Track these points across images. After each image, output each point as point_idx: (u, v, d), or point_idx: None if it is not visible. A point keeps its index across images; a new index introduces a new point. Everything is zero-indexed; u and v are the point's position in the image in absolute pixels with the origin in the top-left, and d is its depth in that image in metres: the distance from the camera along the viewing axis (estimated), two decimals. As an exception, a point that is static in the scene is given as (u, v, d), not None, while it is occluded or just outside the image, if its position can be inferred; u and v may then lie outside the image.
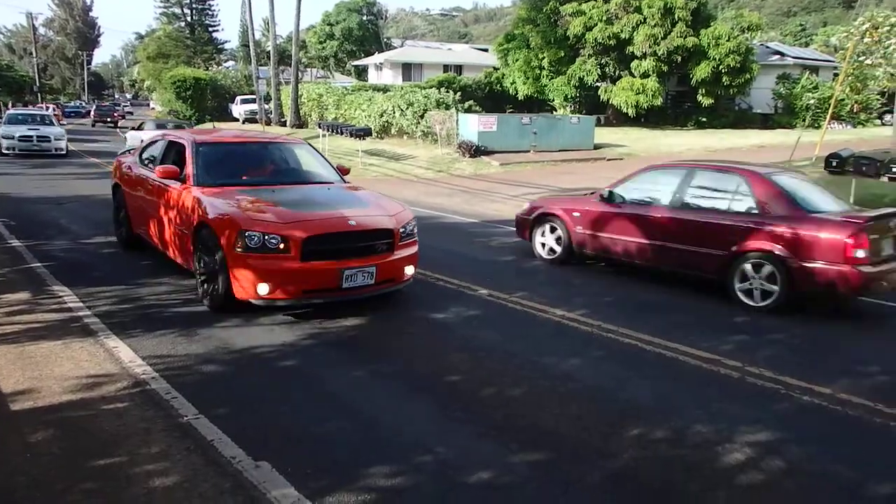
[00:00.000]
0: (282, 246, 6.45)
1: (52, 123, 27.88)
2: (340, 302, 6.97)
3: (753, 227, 7.55)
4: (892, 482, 4.07)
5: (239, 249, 6.47)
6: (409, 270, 7.44)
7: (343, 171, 8.90)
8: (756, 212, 7.71)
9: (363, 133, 26.62)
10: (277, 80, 43.12)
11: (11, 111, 31.78)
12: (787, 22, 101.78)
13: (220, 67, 64.88)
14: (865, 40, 20.84)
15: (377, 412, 4.88)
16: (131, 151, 10.90)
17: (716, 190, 8.13)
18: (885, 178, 10.50)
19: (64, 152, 26.16)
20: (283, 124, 40.92)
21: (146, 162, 9.26)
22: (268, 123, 39.68)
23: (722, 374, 5.68)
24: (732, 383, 5.51)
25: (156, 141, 9.58)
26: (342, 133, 27.14)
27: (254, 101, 45.24)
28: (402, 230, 7.24)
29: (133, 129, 30.36)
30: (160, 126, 27.44)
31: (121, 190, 9.96)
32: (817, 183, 8.91)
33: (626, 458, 4.29)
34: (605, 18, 35.25)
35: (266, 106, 43.26)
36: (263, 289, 6.46)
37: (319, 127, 29.71)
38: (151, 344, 6.04)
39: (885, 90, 24.42)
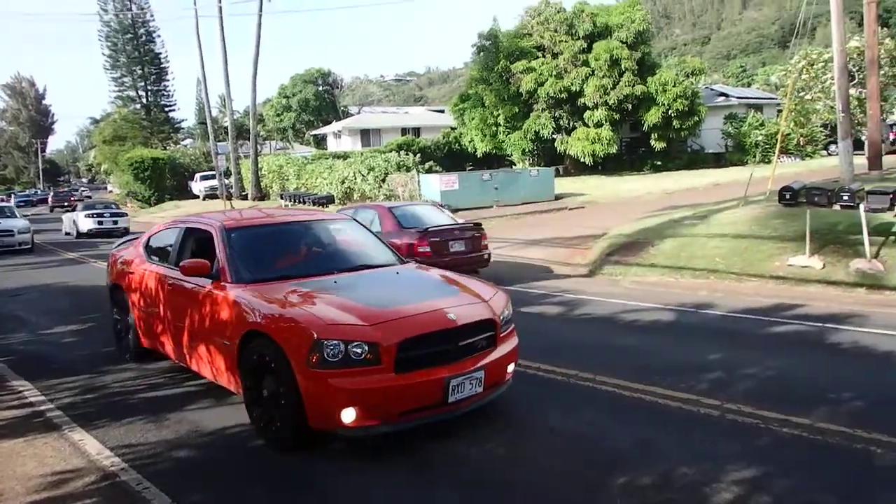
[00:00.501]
0: (370, 356, 4.94)
1: (13, 215, 26.14)
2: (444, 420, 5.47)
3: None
4: (877, 506, 4.11)
5: (313, 365, 4.91)
6: (511, 368, 5.95)
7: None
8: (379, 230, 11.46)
9: (326, 201, 26.79)
10: (237, 155, 43.34)
11: None
12: (728, 64, 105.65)
13: (177, 146, 64.90)
14: (803, 76, 21.73)
15: (356, 492, 4.75)
16: (129, 243, 9.12)
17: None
18: (837, 207, 10.82)
19: (29, 246, 23.83)
20: (245, 198, 40.98)
21: (155, 256, 7.77)
22: (229, 198, 39.68)
23: (702, 413, 5.72)
24: (713, 421, 5.55)
25: (165, 229, 8.01)
26: (304, 202, 27.26)
27: (214, 177, 45.22)
28: (501, 318, 5.82)
29: (67, 211, 30.86)
30: (89, 208, 30.25)
31: (122, 293, 8.22)
32: (440, 209, 14.94)
33: (615, 506, 4.28)
34: (555, 73, 36.27)
35: (226, 181, 43.31)
36: (349, 415, 4.92)
37: (281, 198, 29.83)
38: (119, 433, 5.81)
39: (827, 122, 25.33)
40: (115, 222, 29.45)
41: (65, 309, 11.01)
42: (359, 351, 4.92)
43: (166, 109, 76.94)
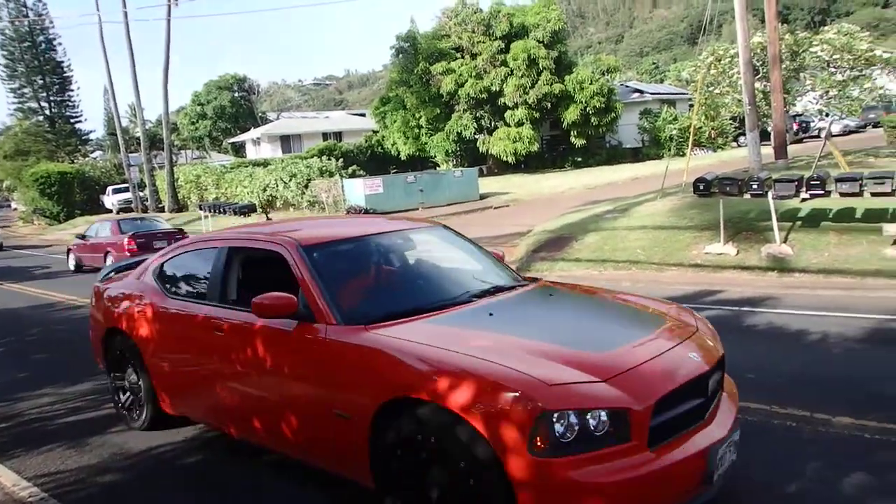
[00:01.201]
0: (615, 428, 3.30)
1: None
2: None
3: None
4: (798, 479, 4.32)
5: (540, 451, 3.20)
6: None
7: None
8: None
9: (247, 210, 26.28)
10: (151, 166, 42.12)
11: None
12: (641, 61, 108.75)
13: (86, 159, 62.49)
14: (712, 72, 22.57)
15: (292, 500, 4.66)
16: (121, 273, 6.93)
17: None
18: (747, 196, 11.32)
19: None
20: (161, 210, 39.85)
21: (179, 288, 5.78)
22: (145, 210, 38.59)
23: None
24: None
25: (187, 251, 5.91)
26: (225, 212, 26.72)
27: (127, 189, 43.85)
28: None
29: None
30: None
31: (127, 341, 6.09)
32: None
33: None
34: (474, 74, 36.64)
35: (141, 193, 42.08)
36: None
37: (200, 209, 29.14)
38: (37, 462, 5.52)
39: (736, 115, 26.37)
40: None
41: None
42: (598, 422, 3.27)
43: (72, 121, 73.53)
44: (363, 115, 58.42)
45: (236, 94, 69.02)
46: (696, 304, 9.31)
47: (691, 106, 37.48)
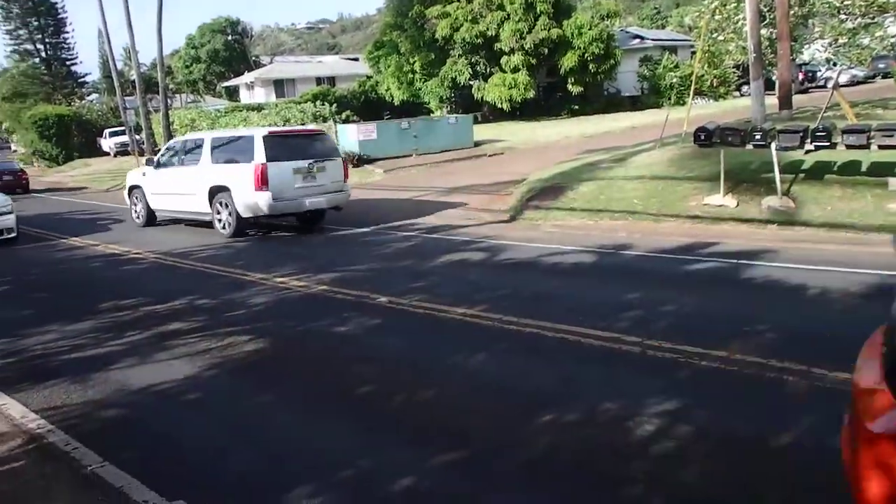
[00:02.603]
0: None
1: None
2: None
3: None
4: (790, 433, 4.24)
5: None
6: None
7: None
8: None
9: (242, 154, 25.91)
10: (146, 109, 41.47)
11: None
12: (642, 7, 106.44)
13: (83, 102, 61.83)
14: (716, 17, 22.02)
15: (291, 435, 4.77)
16: None
17: None
18: (750, 146, 11.10)
19: (14, 235, 14.67)
20: (158, 153, 39.43)
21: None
22: (141, 154, 38.15)
23: (623, 350, 5.80)
24: (634, 358, 5.64)
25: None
26: (220, 156, 26.29)
27: (124, 132, 43.43)
28: None
29: None
30: None
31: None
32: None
33: (541, 444, 4.31)
34: (470, 18, 35.83)
35: (137, 136, 41.63)
36: None
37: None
38: (43, 396, 5.68)
39: (740, 63, 25.83)
40: None
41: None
42: None
43: (68, 63, 72.70)
44: (357, 59, 57.54)
45: (230, 38, 68.02)
46: (693, 256, 9.21)
47: (693, 53, 36.85)
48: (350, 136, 25.07)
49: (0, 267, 12.00)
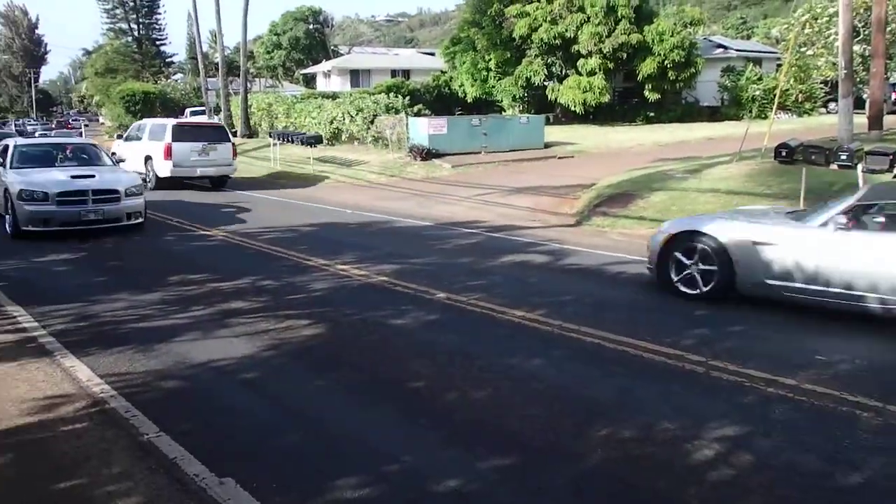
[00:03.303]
0: None
1: (103, 161, 14.07)
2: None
3: None
4: (860, 472, 4.01)
5: None
6: None
7: None
8: None
9: (314, 140, 26.33)
10: (227, 91, 42.58)
11: (22, 141, 15.10)
12: (728, 16, 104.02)
13: (168, 80, 63.92)
14: (806, 31, 21.26)
15: (341, 422, 4.78)
16: None
17: None
18: (834, 166, 10.64)
19: (141, 220, 12.75)
20: (234, 135, 40.29)
21: None
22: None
23: (686, 369, 5.60)
24: (697, 378, 5.44)
25: None
26: (293, 141, 26.82)
27: (203, 112, 44.62)
28: None
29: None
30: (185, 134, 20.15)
31: None
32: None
33: (595, 458, 4.18)
34: (549, 19, 35.46)
35: (216, 117, 42.68)
36: None
37: (270, 136, 29.37)
38: (109, 362, 5.86)
39: (828, 79, 24.92)
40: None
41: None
42: None
43: (157, 43, 75.69)
44: (432, 54, 57.59)
45: (311, 27, 69.14)
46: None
47: (779, 66, 35.75)
48: (420, 129, 25.09)
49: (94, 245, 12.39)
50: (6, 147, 13.56)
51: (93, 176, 12.41)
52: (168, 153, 19.07)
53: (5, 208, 12.13)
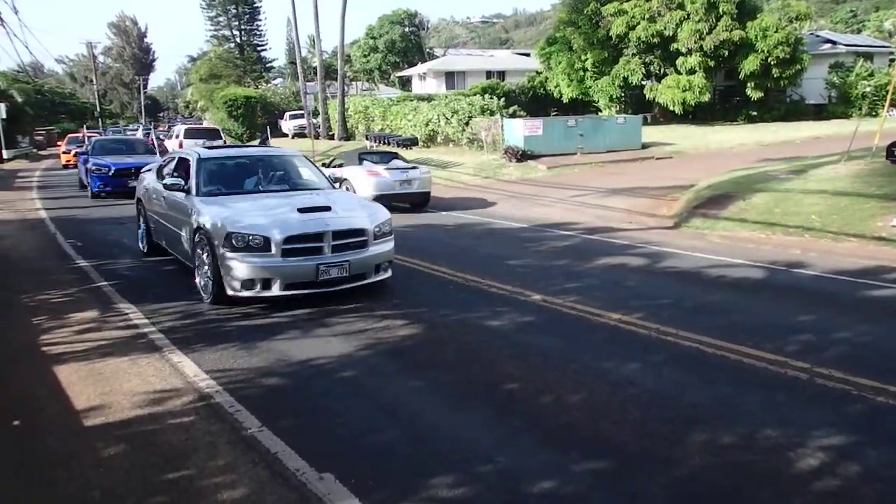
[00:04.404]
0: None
1: (316, 182, 10.51)
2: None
3: None
4: None
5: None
6: None
7: None
8: None
9: (410, 143, 26.78)
10: (324, 95, 43.76)
11: (206, 154, 10.18)
12: (836, 9, 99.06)
13: (268, 85, 66.24)
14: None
15: (436, 421, 4.89)
16: None
17: None
18: (950, 166, 10.09)
19: (389, 274, 8.79)
20: (332, 137, 41.47)
21: None
22: (316, 137, 40.25)
23: (789, 375, 5.47)
24: (801, 385, 5.31)
25: None
26: (389, 143, 27.31)
27: (302, 116, 45.99)
28: None
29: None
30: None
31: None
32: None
33: (693, 465, 4.16)
34: (647, 16, 34.76)
35: (314, 120, 43.89)
36: None
37: (367, 138, 30.01)
38: (214, 358, 6.16)
39: (947, 75, 23.46)
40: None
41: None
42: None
43: (258, 49, 78.63)
44: (528, 55, 57.37)
45: (406, 30, 70.15)
46: (875, 281, 8.51)
47: (893, 61, 33.88)
48: (516, 131, 25.12)
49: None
50: (182, 162, 9.78)
51: (328, 208, 8.29)
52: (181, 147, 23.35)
53: (193, 254, 8.42)
